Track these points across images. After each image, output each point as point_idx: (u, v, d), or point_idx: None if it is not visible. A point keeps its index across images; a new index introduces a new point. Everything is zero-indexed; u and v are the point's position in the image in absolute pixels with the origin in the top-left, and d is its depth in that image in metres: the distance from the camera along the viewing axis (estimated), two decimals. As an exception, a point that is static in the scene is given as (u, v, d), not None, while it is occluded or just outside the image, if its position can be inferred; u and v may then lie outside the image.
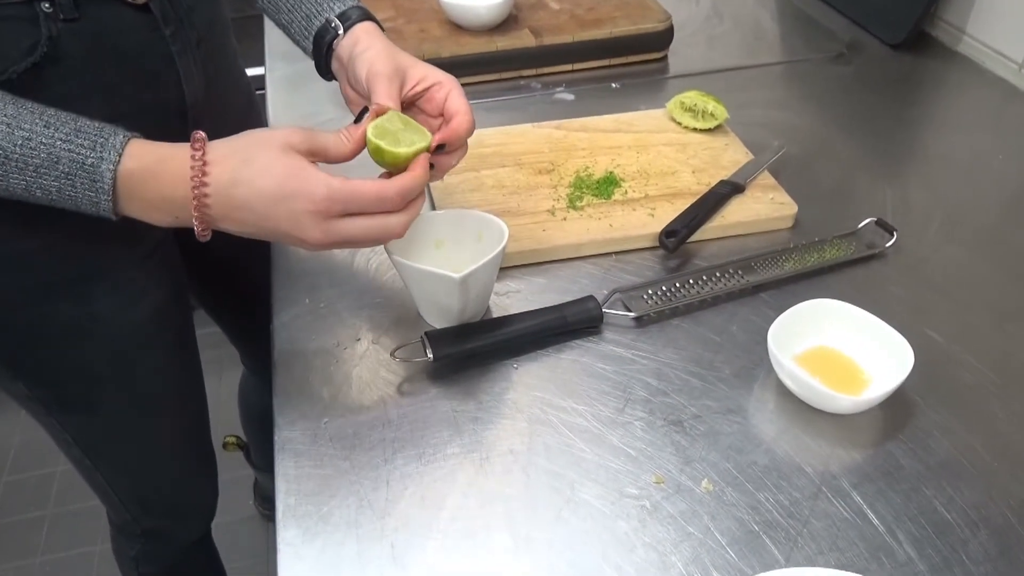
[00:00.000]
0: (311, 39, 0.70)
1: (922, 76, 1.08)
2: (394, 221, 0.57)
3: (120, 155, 0.54)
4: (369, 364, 0.67)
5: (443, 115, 0.64)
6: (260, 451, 1.42)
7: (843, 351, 0.65)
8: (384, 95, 0.61)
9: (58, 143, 0.53)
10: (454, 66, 1.03)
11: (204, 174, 0.54)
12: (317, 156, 0.57)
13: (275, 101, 1.02)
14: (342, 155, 0.58)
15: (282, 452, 0.60)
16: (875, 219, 0.79)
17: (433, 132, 0.62)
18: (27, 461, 1.73)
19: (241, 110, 0.86)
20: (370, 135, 0.58)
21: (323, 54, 0.69)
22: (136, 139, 0.56)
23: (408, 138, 0.58)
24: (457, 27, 1.07)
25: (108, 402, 0.80)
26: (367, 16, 0.69)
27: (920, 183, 0.87)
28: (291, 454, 0.60)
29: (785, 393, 0.63)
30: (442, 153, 0.62)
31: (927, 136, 0.98)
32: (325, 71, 0.71)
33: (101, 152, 0.54)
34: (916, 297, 0.73)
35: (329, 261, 0.76)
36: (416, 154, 0.58)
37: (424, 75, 0.64)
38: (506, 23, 1.07)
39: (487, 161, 0.86)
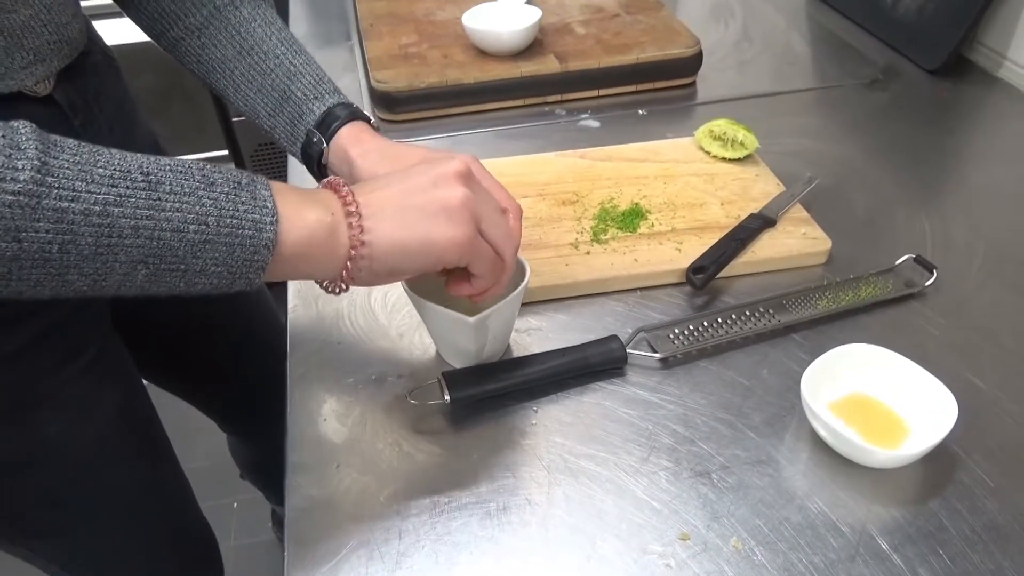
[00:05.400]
0: (299, 147, 0.65)
1: (961, 103, 1.04)
2: (508, 219, 0.58)
3: (268, 184, 0.49)
4: (384, 405, 0.64)
5: None
6: (267, 492, 1.41)
7: (881, 399, 0.62)
8: None
9: (213, 175, 0.47)
10: (478, 92, 1.02)
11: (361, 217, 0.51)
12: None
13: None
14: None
15: (292, 499, 0.57)
16: (914, 256, 0.75)
17: None
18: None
19: None
20: None
21: (315, 170, 0.65)
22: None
23: None
24: (481, 52, 1.05)
25: (77, 523, 0.75)
26: (354, 115, 0.64)
27: (961, 217, 0.84)
28: (301, 501, 0.57)
29: (819, 443, 0.60)
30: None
31: (967, 166, 0.94)
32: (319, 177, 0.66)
33: (252, 175, 0.48)
34: (958, 340, 0.69)
35: (345, 297, 0.74)
36: None
37: None
38: (531, 48, 1.05)
39: (509, 191, 0.84)
